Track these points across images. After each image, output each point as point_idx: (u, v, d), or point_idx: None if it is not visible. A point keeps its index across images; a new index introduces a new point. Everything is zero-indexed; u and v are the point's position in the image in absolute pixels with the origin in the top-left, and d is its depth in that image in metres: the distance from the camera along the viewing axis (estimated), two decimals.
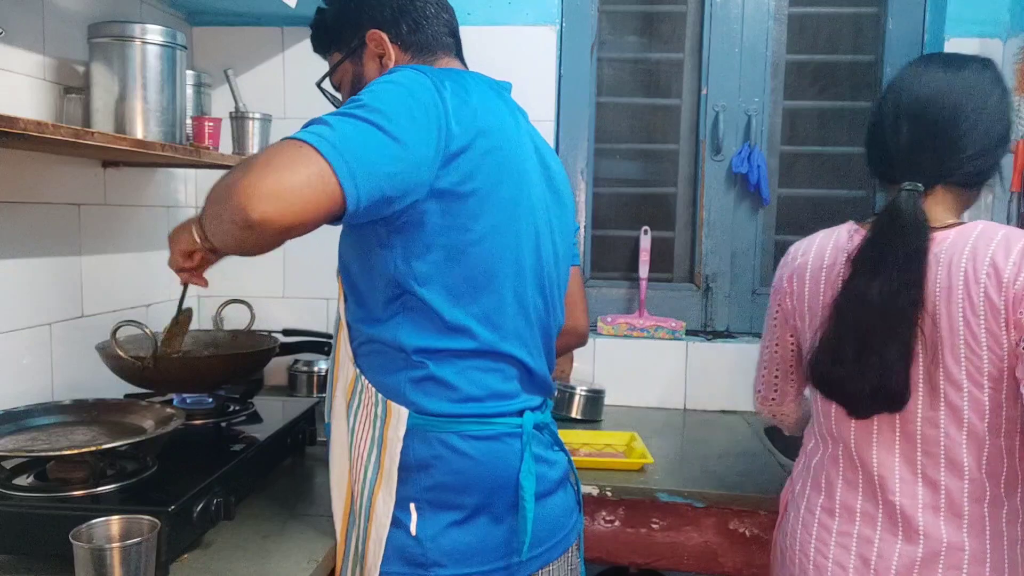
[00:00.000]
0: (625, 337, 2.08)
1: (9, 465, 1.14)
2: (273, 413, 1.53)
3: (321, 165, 0.86)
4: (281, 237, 0.89)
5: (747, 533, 1.48)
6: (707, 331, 2.15)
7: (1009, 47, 1.88)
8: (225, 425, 1.44)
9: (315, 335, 1.97)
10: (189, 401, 1.47)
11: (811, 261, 1.19)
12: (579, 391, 1.92)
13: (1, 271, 1.38)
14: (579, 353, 2.00)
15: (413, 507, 1.05)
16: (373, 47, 1.15)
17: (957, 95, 1.10)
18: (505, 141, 1.05)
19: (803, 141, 2.17)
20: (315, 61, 1.26)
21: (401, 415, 1.04)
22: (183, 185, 2.01)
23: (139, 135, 1.42)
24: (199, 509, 1.07)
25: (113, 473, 1.14)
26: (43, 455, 1.11)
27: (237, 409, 1.50)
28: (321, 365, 1.96)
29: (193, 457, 1.26)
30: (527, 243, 1.08)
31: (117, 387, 1.41)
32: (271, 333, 1.69)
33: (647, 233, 2.13)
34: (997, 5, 1.91)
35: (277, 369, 2.01)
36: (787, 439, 1.88)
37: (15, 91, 1.38)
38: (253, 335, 1.62)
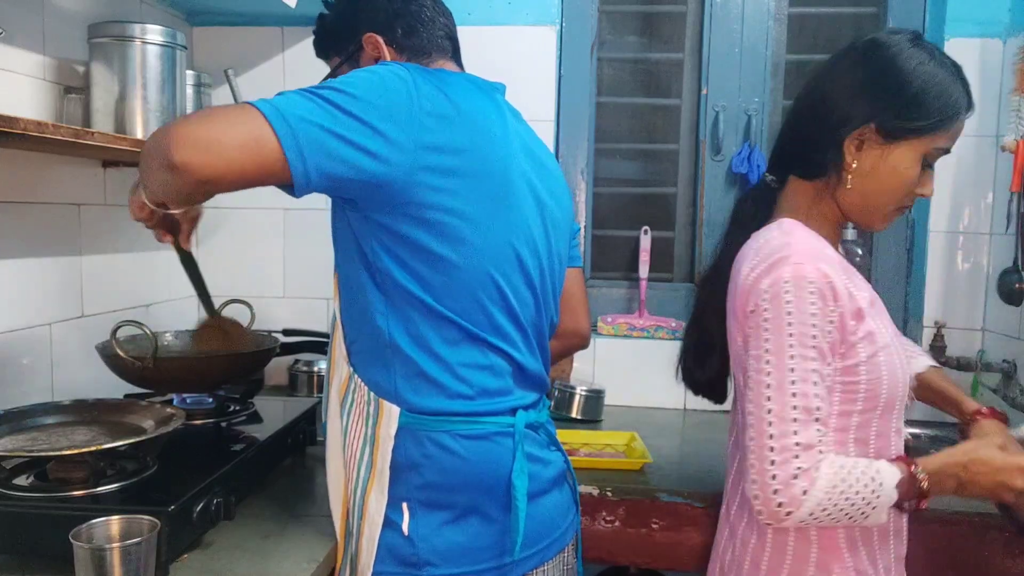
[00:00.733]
0: (625, 337, 2.08)
1: (9, 465, 1.14)
2: (273, 413, 1.53)
3: (262, 130, 0.87)
4: (202, 188, 0.90)
5: None
6: None
7: (1009, 47, 1.88)
8: (225, 425, 1.44)
9: (315, 335, 1.97)
10: (189, 401, 1.47)
11: None
12: (579, 391, 1.92)
13: (1, 271, 1.38)
14: (579, 353, 1.99)
15: (405, 506, 1.05)
16: (370, 50, 1.15)
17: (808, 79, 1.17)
18: (489, 140, 1.05)
19: None
20: (315, 61, 1.27)
21: (392, 413, 1.04)
22: None
23: (139, 135, 1.42)
24: (199, 509, 1.08)
25: (113, 473, 1.14)
26: (43, 455, 1.11)
27: (237, 409, 1.50)
28: (321, 365, 1.96)
29: (193, 457, 1.26)
30: (513, 240, 1.07)
31: (117, 387, 1.41)
32: (271, 333, 1.69)
33: (647, 233, 2.13)
34: (997, 5, 1.91)
35: (277, 369, 2.00)
36: None
37: (15, 91, 1.38)
38: (253, 335, 1.62)
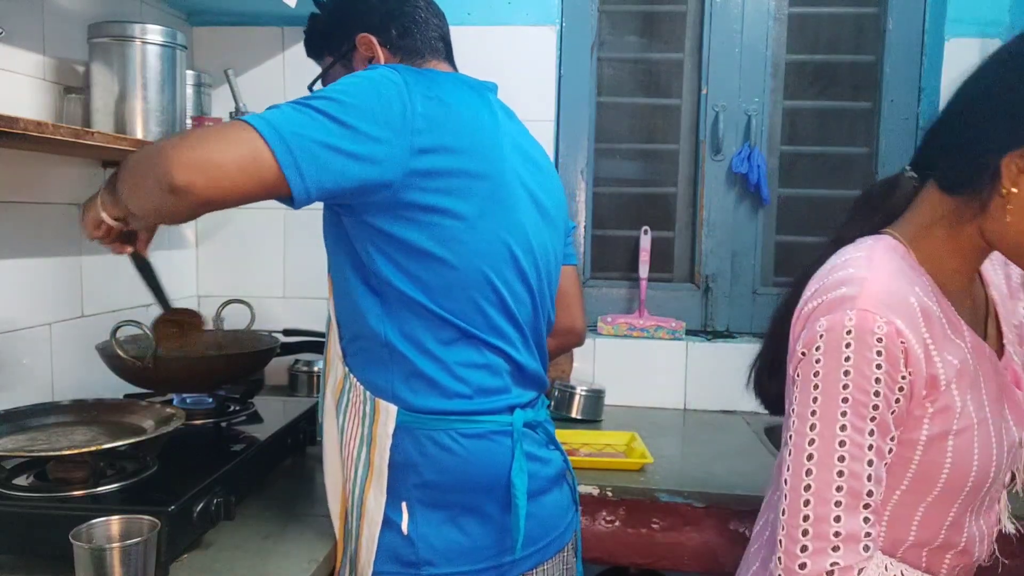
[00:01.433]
0: (625, 337, 2.08)
1: (9, 465, 1.14)
2: (273, 413, 1.53)
3: (258, 147, 0.88)
4: (202, 208, 0.91)
5: (747, 533, 1.47)
6: (707, 331, 2.15)
7: None
8: (225, 425, 1.44)
9: (315, 335, 1.97)
10: (189, 401, 1.47)
11: None
12: (579, 391, 1.91)
13: (1, 271, 1.38)
14: (579, 353, 2.00)
15: (404, 506, 1.05)
16: (363, 51, 1.16)
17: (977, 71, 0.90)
18: (482, 140, 1.05)
19: (803, 141, 2.17)
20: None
21: (390, 412, 1.04)
22: None
23: (139, 135, 1.42)
24: (199, 509, 1.07)
25: (113, 473, 1.14)
26: (43, 455, 1.11)
27: (237, 409, 1.50)
28: (321, 365, 1.95)
29: (193, 457, 1.26)
30: (508, 239, 1.07)
31: (117, 387, 1.41)
32: (271, 333, 1.69)
33: (647, 233, 2.13)
34: (997, 5, 1.91)
35: (277, 369, 2.00)
36: None
37: (15, 91, 1.38)
38: (253, 335, 1.62)
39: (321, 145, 0.90)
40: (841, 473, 0.83)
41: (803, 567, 0.83)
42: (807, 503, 0.84)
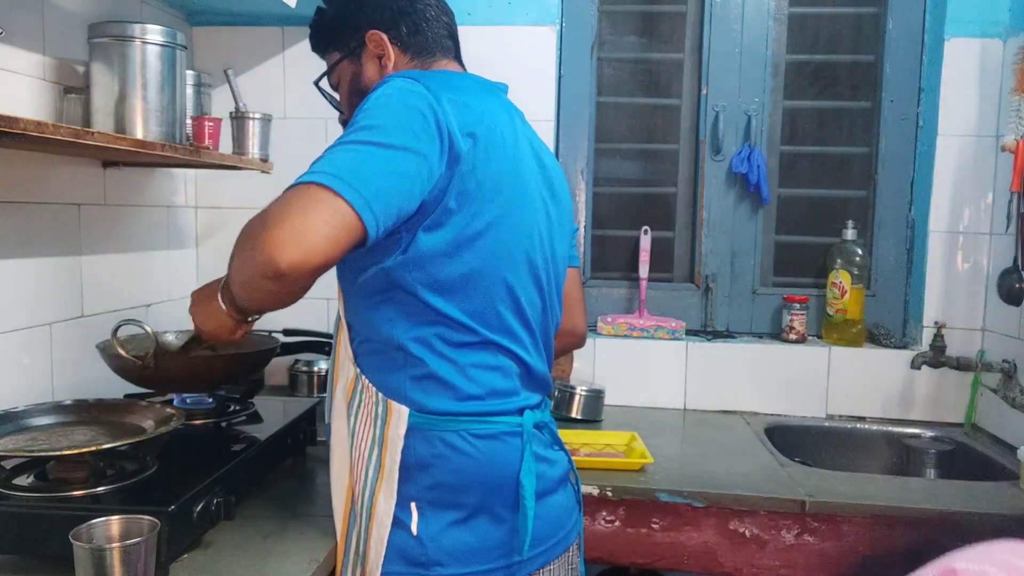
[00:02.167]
0: (625, 337, 2.08)
1: (9, 465, 1.14)
2: (273, 413, 1.53)
3: (334, 201, 0.87)
4: (311, 279, 0.90)
5: (747, 533, 1.48)
6: (707, 331, 2.15)
7: (1009, 47, 1.87)
8: (225, 425, 1.44)
9: (315, 335, 1.97)
10: (189, 401, 1.47)
11: None
12: (579, 391, 1.91)
13: (1, 271, 1.38)
14: (579, 353, 2.00)
15: (414, 506, 1.05)
16: (373, 48, 1.15)
17: None
18: (503, 142, 1.05)
19: (803, 141, 2.17)
20: (315, 61, 1.26)
21: (402, 414, 1.04)
22: (183, 185, 2.01)
23: (139, 135, 1.42)
24: (199, 509, 1.07)
25: (113, 473, 1.14)
26: (43, 455, 1.11)
27: (237, 409, 1.50)
28: (321, 365, 1.96)
29: (193, 457, 1.26)
30: (524, 241, 1.08)
31: (117, 387, 1.41)
32: (271, 333, 1.69)
33: (647, 233, 2.13)
34: (997, 5, 1.91)
35: (277, 369, 2.00)
36: (788, 439, 1.89)
37: (15, 91, 1.38)
38: (253, 335, 1.62)
39: (380, 176, 0.90)
40: None
41: None
42: None
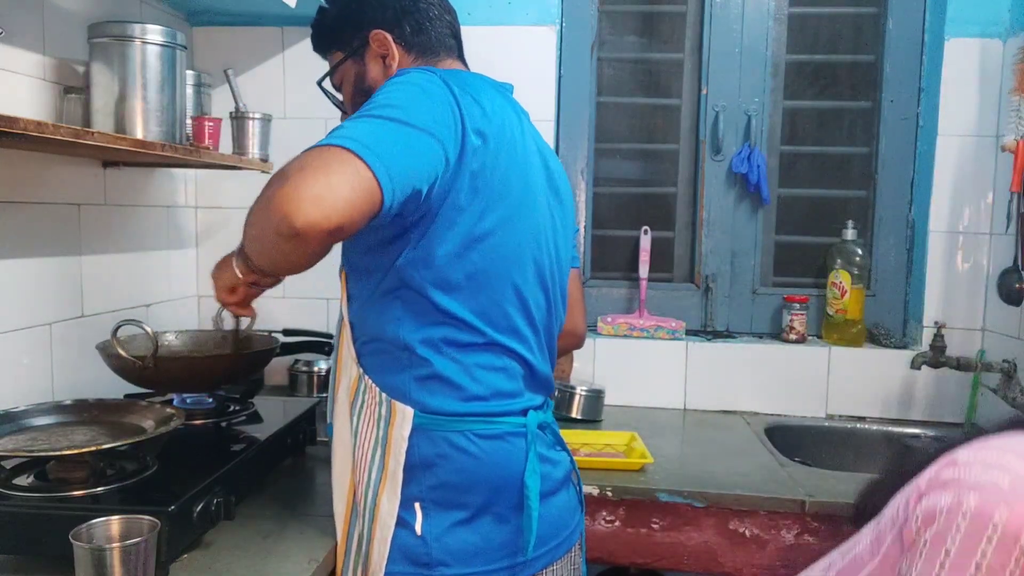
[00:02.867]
0: (625, 337, 2.08)
1: (9, 465, 1.14)
2: (273, 413, 1.53)
3: (357, 164, 0.84)
4: (327, 242, 0.86)
5: (747, 533, 1.48)
6: (707, 331, 2.15)
7: (1009, 47, 1.87)
8: (225, 425, 1.44)
9: (315, 335, 1.97)
10: (189, 401, 1.47)
11: None
12: (579, 391, 1.91)
13: (1, 271, 1.38)
14: (579, 353, 2.00)
15: (418, 507, 1.05)
16: (376, 47, 1.15)
17: None
18: (511, 141, 1.05)
19: (803, 141, 2.17)
20: (315, 61, 1.26)
21: (406, 414, 1.04)
22: (183, 185, 2.01)
23: (139, 135, 1.42)
24: (199, 509, 1.07)
25: (113, 473, 1.14)
26: (43, 455, 1.11)
27: (237, 409, 1.50)
28: (321, 365, 1.96)
29: (193, 457, 1.26)
30: (530, 241, 1.08)
31: (117, 387, 1.41)
32: (271, 333, 1.69)
33: (647, 233, 2.13)
34: (997, 5, 1.91)
35: (277, 369, 2.00)
36: (787, 439, 1.89)
37: (15, 91, 1.38)
38: (253, 335, 1.62)
39: (402, 151, 0.89)
40: None
41: None
42: None
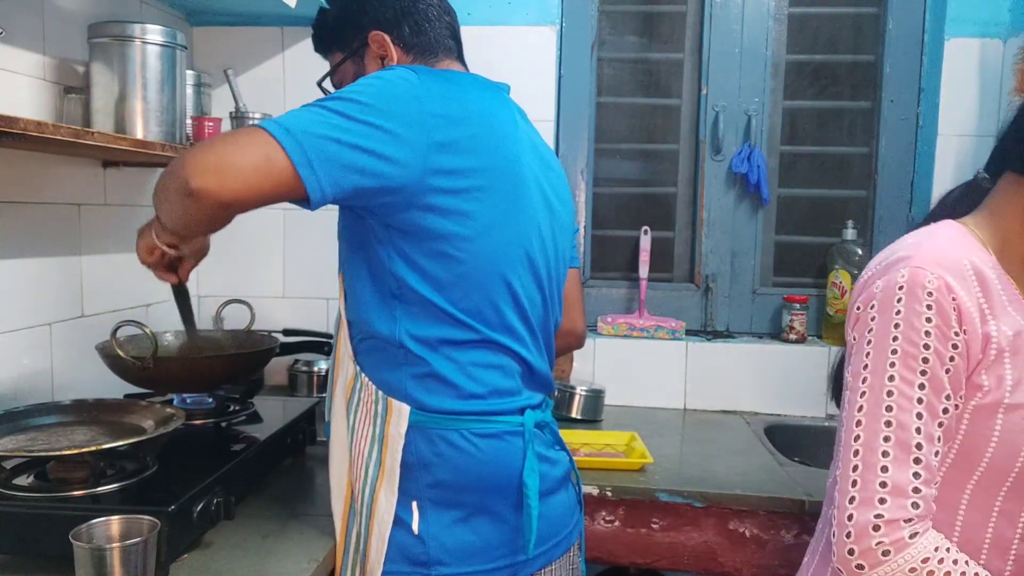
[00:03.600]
0: (625, 337, 2.08)
1: (9, 465, 1.14)
2: (273, 413, 1.53)
3: (271, 148, 0.88)
4: (223, 212, 0.92)
5: (747, 533, 1.48)
6: (707, 331, 2.15)
7: (1009, 47, 1.88)
8: (225, 425, 1.44)
9: (315, 335, 1.97)
10: (189, 401, 1.47)
11: None
12: (579, 391, 1.91)
13: (1, 271, 1.38)
14: (579, 353, 2.00)
15: (415, 505, 1.05)
16: (375, 48, 1.15)
17: None
18: (500, 140, 1.05)
19: (803, 141, 2.17)
20: (315, 61, 1.27)
21: (402, 412, 1.04)
22: None
23: (139, 135, 1.42)
24: (199, 509, 1.07)
25: (113, 473, 1.14)
26: (43, 455, 1.11)
27: (237, 409, 1.50)
28: (321, 365, 1.96)
29: (193, 457, 1.25)
30: (523, 239, 1.08)
31: (117, 387, 1.41)
32: (271, 333, 1.69)
33: (647, 233, 2.13)
34: (997, 5, 1.91)
35: (277, 369, 2.00)
36: (787, 439, 1.89)
37: (15, 91, 1.38)
38: (253, 335, 1.62)
39: (335, 142, 0.90)
40: (889, 423, 0.84)
41: (851, 519, 0.83)
42: (856, 453, 0.85)
